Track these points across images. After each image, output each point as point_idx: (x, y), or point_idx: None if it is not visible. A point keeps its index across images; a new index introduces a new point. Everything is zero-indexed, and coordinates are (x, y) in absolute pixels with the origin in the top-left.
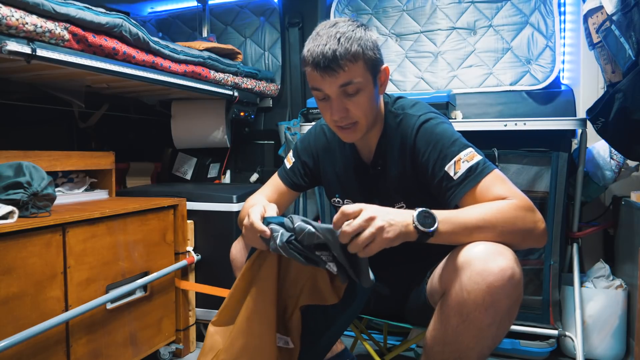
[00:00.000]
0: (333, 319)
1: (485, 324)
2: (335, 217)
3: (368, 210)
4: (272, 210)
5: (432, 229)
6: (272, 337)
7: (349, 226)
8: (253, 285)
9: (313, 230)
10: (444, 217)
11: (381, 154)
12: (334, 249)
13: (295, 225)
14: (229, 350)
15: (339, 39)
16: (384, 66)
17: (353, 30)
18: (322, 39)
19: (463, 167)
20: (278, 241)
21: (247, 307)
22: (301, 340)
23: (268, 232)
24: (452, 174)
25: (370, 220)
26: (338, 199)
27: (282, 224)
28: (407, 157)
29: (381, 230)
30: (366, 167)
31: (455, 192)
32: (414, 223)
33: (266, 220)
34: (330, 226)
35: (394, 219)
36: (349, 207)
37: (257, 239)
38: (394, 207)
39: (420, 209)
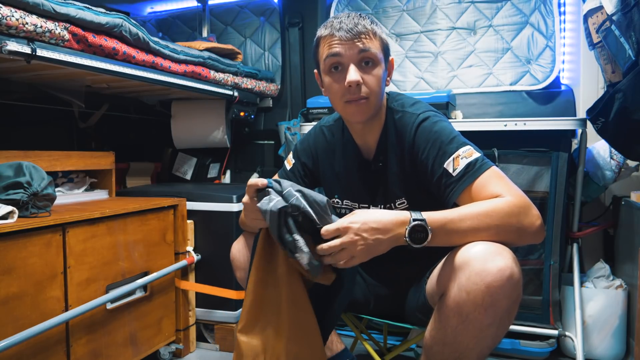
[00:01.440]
0: (329, 300)
1: (484, 324)
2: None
3: (349, 234)
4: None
5: (422, 244)
6: (315, 323)
7: (327, 246)
8: (280, 274)
9: (302, 203)
10: (439, 225)
11: (382, 150)
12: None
13: (284, 192)
14: (276, 347)
15: (359, 15)
16: (391, 57)
17: (368, 17)
18: (343, 15)
19: (462, 164)
20: (272, 204)
21: (283, 296)
22: None
23: (265, 181)
24: (451, 170)
25: (350, 244)
26: (337, 199)
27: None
28: (406, 154)
29: (359, 253)
30: (368, 163)
31: (454, 189)
32: (405, 237)
33: (269, 182)
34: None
35: (379, 239)
36: (328, 228)
37: (256, 209)
38: (395, 203)
39: (413, 222)
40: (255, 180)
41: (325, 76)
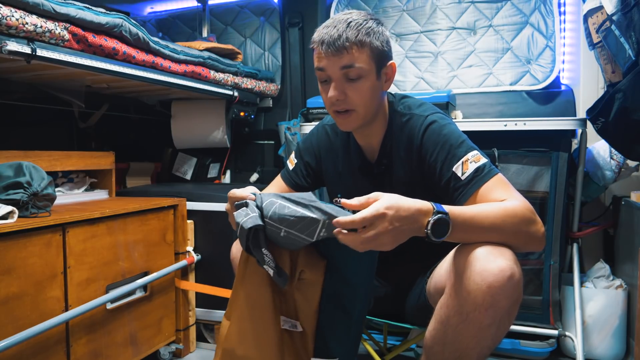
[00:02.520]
0: (350, 291)
1: (485, 324)
2: (345, 220)
3: (384, 222)
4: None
5: (441, 239)
6: (272, 319)
7: (357, 217)
8: (247, 270)
9: (286, 207)
10: (461, 221)
11: (386, 153)
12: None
13: (264, 202)
14: (228, 338)
15: (349, 24)
16: (390, 62)
17: (365, 21)
18: (333, 22)
19: (470, 168)
20: (245, 219)
21: (242, 292)
22: (322, 331)
23: (245, 194)
24: (459, 174)
25: (383, 234)
26: (340, 199)
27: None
28: (414, 157)
29: (384, 244)
30: (371, 166)
31: (463, 192)
32: (426, 229)
33: (259, 198)
34: (305, 214)
35: (406, 228)
36: (365, 213)
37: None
38: None
39: (437, 215)
40: (236, 191)
41: (319, 82)
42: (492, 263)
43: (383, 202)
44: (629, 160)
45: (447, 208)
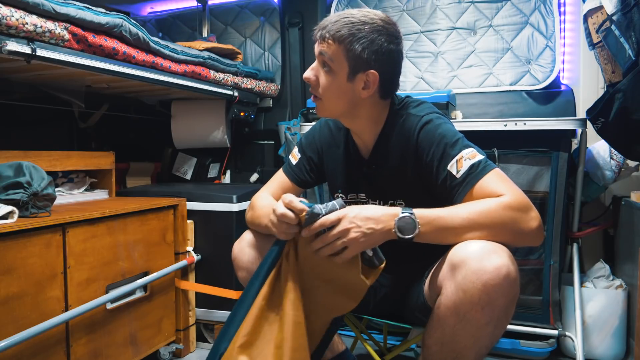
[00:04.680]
0: None
1: (482, 323)
2: (314, 225)
3: (344, 221)
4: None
5: (411, 235)
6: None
7: (323, 237)
8: (288, 294)
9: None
10: (427, 220)
11: (379, 153)
12: None
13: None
14: None
15: (341, 19)
16: (370, 71)
17: (363, 23)
18: (336, 14)
19: (465, 165)
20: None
21: (287, 319)
22: None
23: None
24: (454, 172)
25: (345, 232)
26: (341, 194)
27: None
28: (410, 156)
29: (354, 241)
30: (362, 164)
31: (459, 191)
32: (394, 229)
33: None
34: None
35: (372, 228)
36: (327, 218)
37: (289, 223)
38: (394, 203)
39: (402, 214)
40: (301, 206)
41: None
42: (487, 261)
43: (348, 208)
44: (629, 160)
45: (416, 210)
